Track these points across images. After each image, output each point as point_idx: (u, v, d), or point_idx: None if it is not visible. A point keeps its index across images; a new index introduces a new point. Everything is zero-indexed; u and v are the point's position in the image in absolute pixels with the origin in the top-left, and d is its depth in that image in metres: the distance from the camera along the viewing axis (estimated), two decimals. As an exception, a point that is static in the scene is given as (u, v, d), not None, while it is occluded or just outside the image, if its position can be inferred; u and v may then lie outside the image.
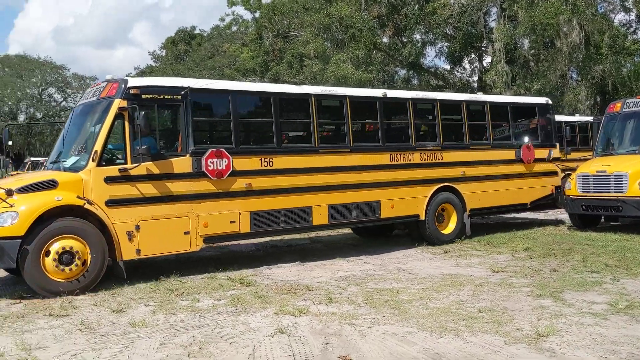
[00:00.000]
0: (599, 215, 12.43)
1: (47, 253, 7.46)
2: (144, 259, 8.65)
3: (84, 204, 7.75)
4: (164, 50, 59.16)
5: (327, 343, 5.38)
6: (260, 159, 9.25)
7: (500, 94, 25.66)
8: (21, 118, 62.00)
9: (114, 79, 8.75)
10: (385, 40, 30.73)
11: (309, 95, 10.00)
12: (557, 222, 14.11)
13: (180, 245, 8.60)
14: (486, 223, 14.53)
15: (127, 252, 8.08)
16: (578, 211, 12.32)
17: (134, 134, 8.11)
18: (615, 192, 11.51)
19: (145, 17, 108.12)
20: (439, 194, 11.20)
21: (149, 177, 8.28)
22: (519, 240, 11.32)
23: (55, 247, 7.50)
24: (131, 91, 8.23)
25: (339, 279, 8.38)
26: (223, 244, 11.42)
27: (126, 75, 57.29)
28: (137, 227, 8.12)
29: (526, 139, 12.81)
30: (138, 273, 8.78)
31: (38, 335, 5.79)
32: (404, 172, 10.77)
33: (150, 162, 8.25)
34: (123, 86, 8.30)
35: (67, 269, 7.54)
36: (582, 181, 12.12)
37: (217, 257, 10.61)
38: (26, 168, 46.21)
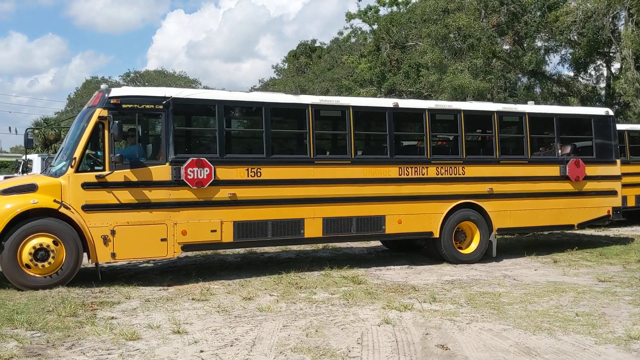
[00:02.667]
0: None
1: (23, 249, 8.09)
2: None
3: (59, 207, 8.26)
4: (286, 64, 61.86)
5: (427, 334, 6.04)
6: (247, 169, 9.23)
7: (630, 102, 24.57)
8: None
9: (102, 88, 9.09)
10: (505, 47, 30.38)
11: (306, 105, 9.81)
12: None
13: (156, 252, 8.81)
14: (603, 235, 14.26)
15: (102, 255, 8.48)
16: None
17: (113, 143, 8.50)
18: None
19: (271, 30, 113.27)
20: (459, 211, 10.55)
21: (126, 184, 8.56)
22: (634, 252, 11.20)
23: (32, 243, 8.11)
24: (112, 101, 8.56)
25: (445, 282, 8.95)
26: (337, 245, 12.40)
27: (251, 88, 60.60)
28: (113, 232, 8.45)
29: (577, 154, 11.78)
30: (263, 268, 9.89)
31: (185, 314, 6.97)
32: (415, 187, 10.26)
33: (128, 170, 8.56)
34: (105, 96, 8.67)
35: (40, 264, 8.13)
36: None
37: (332, 257, 11.53)
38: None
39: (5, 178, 11.09)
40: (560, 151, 11.51)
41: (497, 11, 28.22)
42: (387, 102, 10.60)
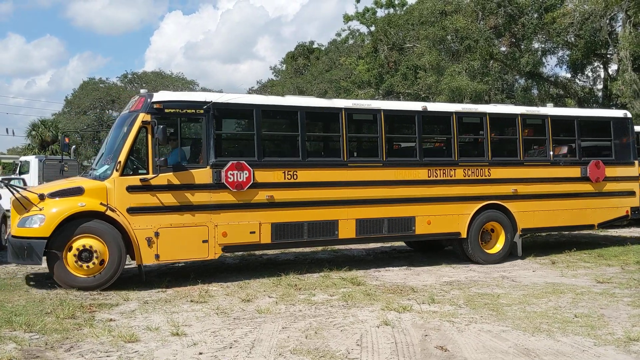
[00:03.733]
0: None
1: (69, 250, 8.26)
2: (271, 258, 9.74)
3: (106, 210, 8.40)
4: (284, 65, 61.88)
5: (426, 335, 6.04)
6: (284, 172, 9.42)
7: (627, 104, 24.62)
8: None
9: (143, 93, 9.24)
10: (503, 49, 30.44)
11: (340, 109, 10.04)
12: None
13: (198, 253, 8.98)
14: (601, 236, 14.28)
15: (147, 257, 8.62)
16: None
17: (157, 147, 8.65)
18: None
19: (269, 31, 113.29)
20: (485, 212, 10.76)
21: (169, 187, 8.73)
22: (632, 253, 11.22)
23: (77, 244, 8.27)
24: (155, 106, 8.76)
25: (444, 283, 8.95)
26: (336, 247, 12.40)
27: (249, 89, 60.60)
28: (157, 234, 8.62)
29: (597, 156, 11.97)
30: (262, 270, 9.89)
31: (183, 316, 6.96)
32: (443, 188, 10.47)
33: (171, 173, 8.73)
34: (148, 100, 8.84)
35: (85, 265, 8.28)
36: None
37: (331, 259, 11.53)
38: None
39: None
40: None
41: (495, 13, 28.30)
42: (416, 106, 10.79)
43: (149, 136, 8.69)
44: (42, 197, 8.47)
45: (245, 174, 9.08)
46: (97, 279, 8.37)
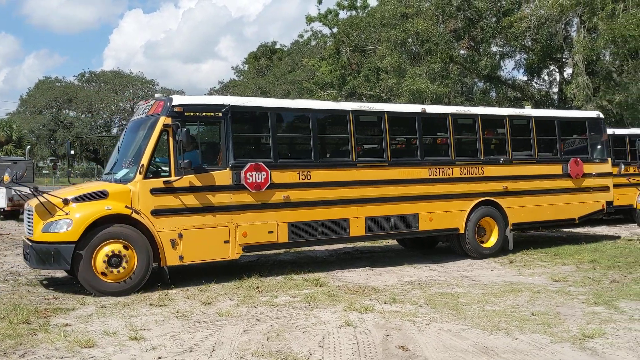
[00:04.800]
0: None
1: (98, 256, 8.22)
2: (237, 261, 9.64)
3: (132, 213, 8.45)
4: (247, 65, 61.53)
5: (387, 335, 6.07)
6: (299, 173, 9.72)
7: (581, 107, 25.31)
8: (114, 130, 66.31)
9: (160, 97, 9.49)
10: (462, 52, 30.94)
11: (347, 111, 10.42)
12: (630, 237, 14.04)
13: (220, 253, 9.14)
14: (557, 236, 14.65)
15: (171, 258, 8.72)
16: (649, 225, 12.30)
17: (177, 149, 8.74)
18: (688, 206, 11.47)
19: (231, 31, 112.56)
20: (479, 208, 11.29)
21: (191, 189, 8.87)
22: (586, 252, 11.53)
23: (105, 250, 8.23)
24: (175, 109, 8.88)
25: (405, 283, 9.02)
26: (299, 249, 12.38)
27: (210, 89, 60.02)
28: (180, 236, 8.74)
29: (575, 154, 12.74)
30: (223, 273, 9.79)
31: (142, 320, 6.82)
32: (443, 186, 10.97)
33: (193, 175, 8.85)
34: (168, 104, 8.98)
35: (115, 270, 8.25)
36: (655, 196, 12.12)
37: (294, 261, 11.50)
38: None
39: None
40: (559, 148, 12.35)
41: (454, 17, 28.72)
42: (416, 108, 11.39)
43: (170, 139, 8.82)
44: (66, 201, 8.40)
45: (263, 175, 9.33)
46: (127, 284, 8.35)
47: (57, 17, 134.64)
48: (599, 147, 13.07)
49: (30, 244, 8.52)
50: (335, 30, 38.54)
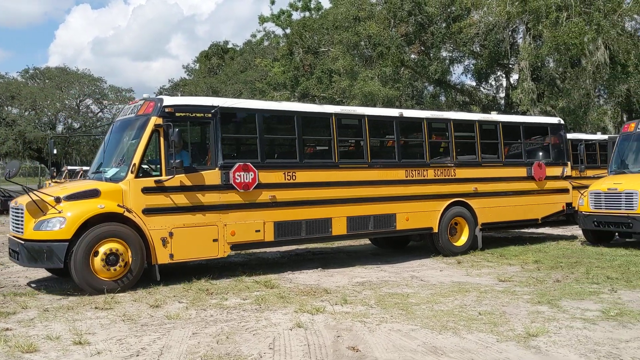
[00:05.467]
0: (611, 231, 12.85)
1: (96, 254, 8.30)
2: (179, 263, 9.49)
3: (124, 211, 8.55)
4: (198, 64, 60.76)
5: (338, 336, 6.09)
6: (284, 173, 9.97)
7: (526, 111, 26.09)
8: (59, 128, 64.21)
9: (150, 98, 9.54)
10: (413, 57, 31.41)
11: (330, 114, 10.74)
12: (572, 238, 14.55)
13: (209, 252, 9.31)
14: (503, 237, 15.03)
15: (162, 256, 8.84)
16: (590, 227, 12.79)
17: (168, 149, 8.86)
18: (626, 209, 11.98)
19: (182, 29, 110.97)
20: (452, 208, 11.81)
21: (182, 189, 9.02)
22: (531, 253, 11.87)
23: (103, 249, 8.33)
24: (166, 109, 9.02)
25: (356, 284, 9.07)
26: (250, 251, 12.27)
27: (160, 88, 58.94)
28: (171, 234, 8.88)
29: (537, 157, 13.45)
30: (172, 275, 9.61)
31: (87, 324, 6.62)
32: (418, 187, 11.42)
33: (183, 175, 8.99)
34: (159, 105, 9.09)
35: (112, 269, 8.37)
36: (594, 198, 12.61)
37: (245, 262, 11.40)
38: (63, 176, 48.03)
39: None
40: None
41: (406, 21, 29.15)
42: (394, 112, 11.92)
43: (161, 139, 8.95)
44: (58, 200, 8.42)
45: (251, 175, 9.56)
46: (123, 282, 8.48)
47: (1, 10, 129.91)
48: (559, 150, 13.75)
49: (20, 241, 8.49)
50: (288, 31, 38.52)
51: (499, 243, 13.44)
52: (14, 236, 8.88)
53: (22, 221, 8.58)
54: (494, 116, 13.45)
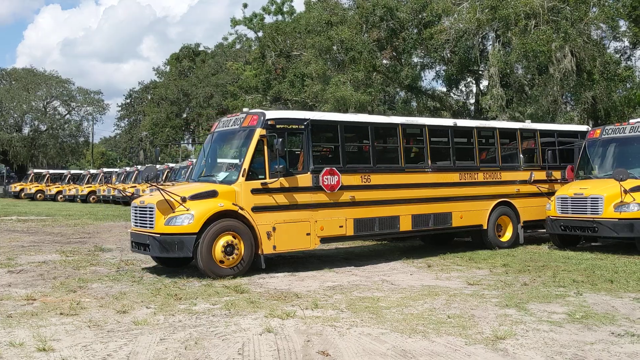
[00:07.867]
0: (577, 235, 13.10)
1: (216, 245, 9.68)
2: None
3: (238, 209, 9.97)
4: (168, 66, 60.21)
5: (308, 340, 6.06)
6: (361, 176, 11.40)
7: (495, 117, 26.48)
8: (25, 130, 63.01)
9: (252, 111, 10.95)
10: (385, 62, 31.60)
11: (397, 124, 12.32)
12: (540, 242, 14.78)
13: (303, 244, 10.73)
14: (472, 242, 15.18)
15: (267, 247, 10.23)
16: (557, 231, 13.02)
17: (271, 156, 10.22)
18: (591, 213, 12.23)
19: (154, 31, 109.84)
20: (498, 208, 13.31)
21: (282, 190, 10.40)
22: (499, 257, 12.02)
23: (222, 241, 9.72)
24: (269, 122, 10.42)
25: (327, 288, 9.06)
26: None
27: (130, 90, 58.26)
28: (274, 229, 10.28)
29: (569, 161, 14.63)
30: (140, 280, 9.47)
31: (52, 330, 6.47)
32: (470, 189, 12.89)
33: (283, 178, 10.34)
34: (262, 118, 10.47)
35: (229, 258, 9.76)
36: (561, 203, 12.84)
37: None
38: (29, 180, 46.93)
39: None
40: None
41: (378, 26, 29.32)
42: (449, 122, 13.63)
43: (265, 147, 10.32)
44: (184, 199, 9.80)
45: (336, 178, 10.94)
46: (238, 269, 9.88)
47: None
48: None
49: (151, 235, 9.83)
50: (260, 34, 38.43)
51: (469, 247, 13.59)
52: (142, 231, 10.15)
53: (152, 218, 9.91)
54: (533, 125, 15.16)
